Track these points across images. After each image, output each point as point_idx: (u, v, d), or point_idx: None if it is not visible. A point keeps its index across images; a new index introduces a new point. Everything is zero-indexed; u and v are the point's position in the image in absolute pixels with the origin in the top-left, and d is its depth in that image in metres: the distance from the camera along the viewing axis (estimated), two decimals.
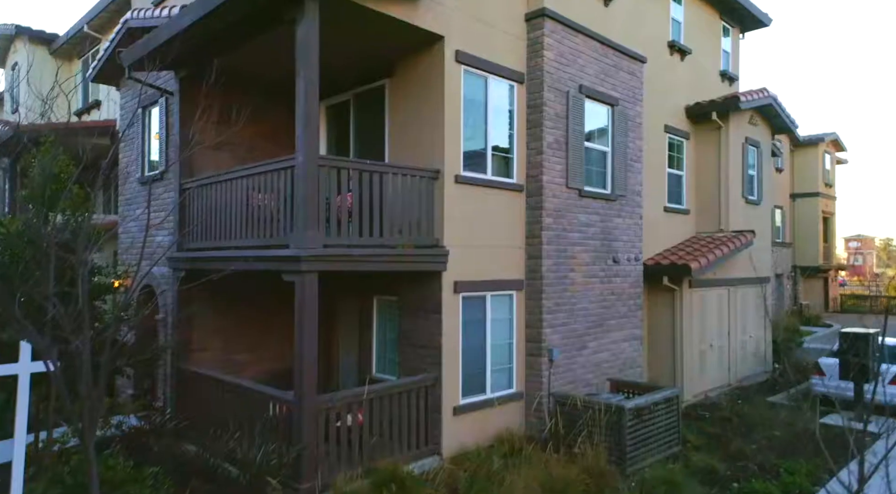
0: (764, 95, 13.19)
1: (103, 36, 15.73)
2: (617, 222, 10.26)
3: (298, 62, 6.40)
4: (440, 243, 7.80)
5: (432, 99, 7.96)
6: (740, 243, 12.06)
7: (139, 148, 10.53)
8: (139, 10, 9.56)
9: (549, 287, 8.87)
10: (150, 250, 9.88)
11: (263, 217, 7.09)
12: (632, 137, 10.61)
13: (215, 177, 8.05)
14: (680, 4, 12.89)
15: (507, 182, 8.74)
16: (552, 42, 8.95)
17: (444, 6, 7.75)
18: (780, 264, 29.08)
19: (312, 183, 6.39)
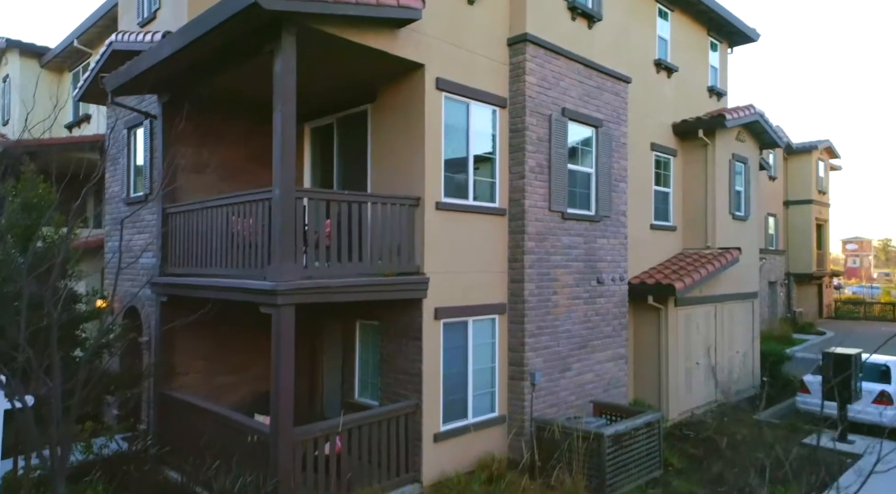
0: (751, 112, 13.23)
1: (93, 50, 15.74)
2: (601, 243, 10.30)
3: (276, 95, 6.42)
4: (421, 270, 7.83)
5: (413, 126, 7.98)
6: (726, 260, 12.10)
7: (124, 169, 10.54)
8: (124, 34, 9.57)
9: (532, 311, 8.89)
10: (134, 273, 9.94)
11: (243, 246, 7.10)
12: (616, 157, 10.65)
13: (197, 204, 8.06)
14: (666, 21, 12.95)
15: (489, 207, 8.77)
16: (534, 67, 8.99)
17: (424, 35, 7.78)
18: (773, 271, 29.19)
19: (289, 216, 6.40)
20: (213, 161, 9.52)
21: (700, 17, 13.77)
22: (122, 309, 9.80)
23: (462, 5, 8.36)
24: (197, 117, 9.29)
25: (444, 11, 8.10)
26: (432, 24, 7.90)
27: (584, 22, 9.93)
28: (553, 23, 9.34)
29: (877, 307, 37.47)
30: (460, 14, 8.34)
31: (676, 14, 13.12)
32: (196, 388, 9.22)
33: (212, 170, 9.52)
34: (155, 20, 10.09)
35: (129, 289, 10.21)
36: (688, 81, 13.55)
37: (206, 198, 8.01)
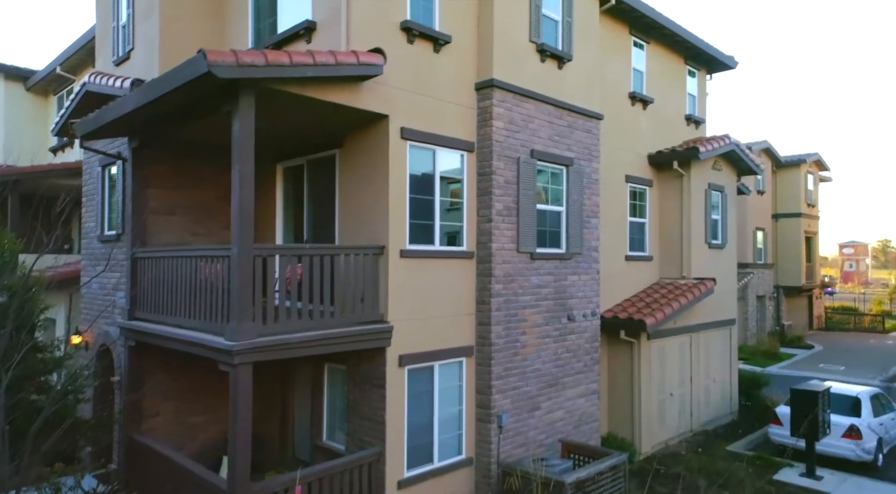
0: (726, 143, 13.34)
1: (76, 76, 15.83)
2: (572, 280, 10.38)
3: (234, 155, 6.49)
4: (385, 318, 7.90)
5: (378, 174, 8.06)
6: (700, 292, 12.19)
7: (98, 205, 10.60)
8: (97, 76, 9.65)
9: (499, 353, 8.97)
10: (106, 312, 10.00)
11: (205, 298, 7.16)
12: (588, 193, 10.74)
13: (163, 251, 8.13)
14: (642, 52, 13.05)
15: (456, 251, 8.84)
16: (501, 111, 9.07)
17: (388, 86, 7.86)
18: (761, 285, 29.32)
19: (247, 273, 6.48)
20: (185, 202, 9.59)
21: (676, 47, 13.88)
22: (92, 356, 9.88)
23: (427, 54, 8.45)
24: (168, 159, 9.40)
25: (409, 61, 8.19)
26: (396, 75, 7.98)
27: (554, 63, 10.02)
28: (522, 65, 9.43)
29: (867, 319, 37.56)
30: (426, 62, 8.43)
31: (652, 45, 13.23)
32: (167, 429, 9.29)
33: (183, 211, 9.60)
34: (129, 60, 10.16)
35: (102, 326, 10.29)
36: (665, 111, 13.66)
37: (172, 247, 8.09)
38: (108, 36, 10.93)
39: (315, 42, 8.01)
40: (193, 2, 9.58)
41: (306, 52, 6.61)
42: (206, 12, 9.69)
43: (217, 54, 5.82)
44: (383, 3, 7.91)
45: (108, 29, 10.98)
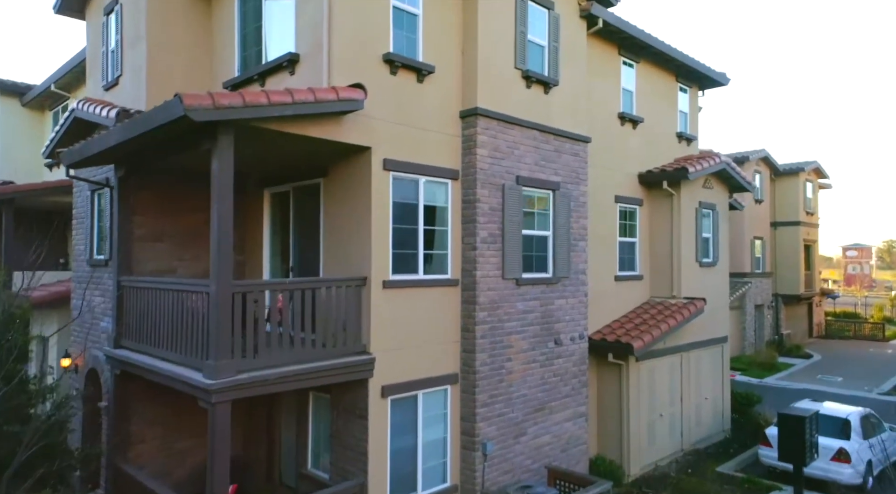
0: (716, 161, 13.33)
1: (70, 93, 15.91)
2: (559, 304, 10.38)
3: (213, 193, 6.53)
4: (367, 350, 7.93)
5: (361, 205, 8.09)
6: (689, 312, 12.17)
7: (87, 229, 10.66)
8: (84, 103, 9.71)
9: (483, 380, 8.98)
10: (95, 335, 10.06)
11: (186, 331, 7.20)
12: (576, 216, 10.75)
13: (147, 282, 8.17)
14: (632, 71, 13.05)
15: (440, 279, 8.86)
16: (486, 139, 9.10)
17: (369, 118, 7.89)
18: (760, 294, 29.25)
19: (225, 311, 6.51)
20: (171, 228, 9.63)
21: (667, 66, 13.87)
22: (79, 387, 9.93)
23: (411, 84, 8.48)
24: (154, 186, 9.44)
25: (392, 92, 8.22)
26: (379, 107, 8.02)
27: (540, 88, 10.04)
28: (507, 92, 9.45)
29: (867, 326, 37.41)
30: (410, 93, 8.46)
31: (642, 65, 13.23)
32: (154, 455, 9.32)
33: (170, 237, 9.63)
34: (118, 85, 10.22)
35: (91, 350, 10.35)
36: (655, 129, 13.65)
37: (154, 278, 8.13)
38: (98, 60, 11.00)
39: (298, 74, 8.06)
40: (180, 30, 9.64)
41: (285, 91, 6.65)
42: (193, 40, 9.75)
43: (193, 98, 5.86)
44: (366, 36, 7.95)
45: (97, 53, 11.05)
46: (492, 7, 9.23)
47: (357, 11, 7.85)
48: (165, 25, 9.51)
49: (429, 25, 8.70)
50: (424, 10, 8.65)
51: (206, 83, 9.79)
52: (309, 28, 7.88)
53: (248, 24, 9.19)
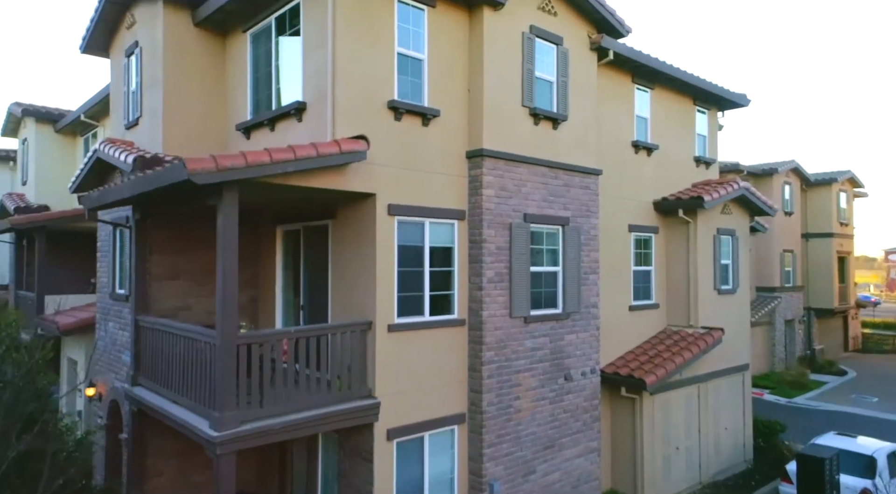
0: (734, 188, 13.09)
1: (98, 122, 16.48)
2: (570, 339, 10.33)
3: (218, 247, 6.72)
4: (372, 394, 8.03)
5: (366, 249, 8.21)
6: (706, 344, 11.97)
7: (110, 264, 11.03)
8: (105, 146, 10.06)
9: (490, 420, 9.00)
10: (117, 367, 10.39)
11: (196, 376, 7.40)
12: (586, 250, 10.69)
13: (161, 325, 8.43)
14: (647, 98, 12.90)
15: (447, 319, 8.92)
16: (492, 179, 9.13)
17: (374, 164, 8.00)
18: (790, 309, 28.50)
19: (230, 363, 6.68)
20: (187, 266, 9.90)
21: (684, 90, 13.68)
22: (101, 425, 10.26)
23: (416, 128, 8.57)
24: (170, 226, 9.72)
25: (397, 138, 8.32)
26: (383, 153, 8.13)
27: (549, 124, 10.03)
28: (514, 131, 9.47)
29: None
30: (415, 137, 8.55)
31: (657, 90, 13.08)
32: (171, 488, 9.58)
33: (186, 274, 9.90)
34: (137, 126, 10.57)
35: (113, 381, 10.70)
36: (672, 154, 13.48)
37: (166, 322, 8.37)
38: (121, 100, 11.39)
39: (305, 121, 8.23)
40: (196, 73, 9.92)
41: (287, 148, 6.81)
42: (207, 83, 10.02)
43: (196, 162, 6.05)
44: (370, 84, 8.07)
45: (120, 93, 11.44)
46: (498, 46, 9.26)
47: (361, 61, 7.98)
48: (181, 69, 9.79)
49: (434, 68, 8.78)
50: (430, 53, 8.73)
51: (220, 125, 10.06)
52: (314, 77, 8.03)
53: (259, 68, 9.41)
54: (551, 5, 10.03)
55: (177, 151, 9.71)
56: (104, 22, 11.19)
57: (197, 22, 9.80)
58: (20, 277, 17.84)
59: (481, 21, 9.10)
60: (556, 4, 10.13)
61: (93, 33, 11.43)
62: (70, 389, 10.57)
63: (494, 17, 9.20)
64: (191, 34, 9.90)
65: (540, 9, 9.89)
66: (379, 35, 8.18)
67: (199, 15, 9.72)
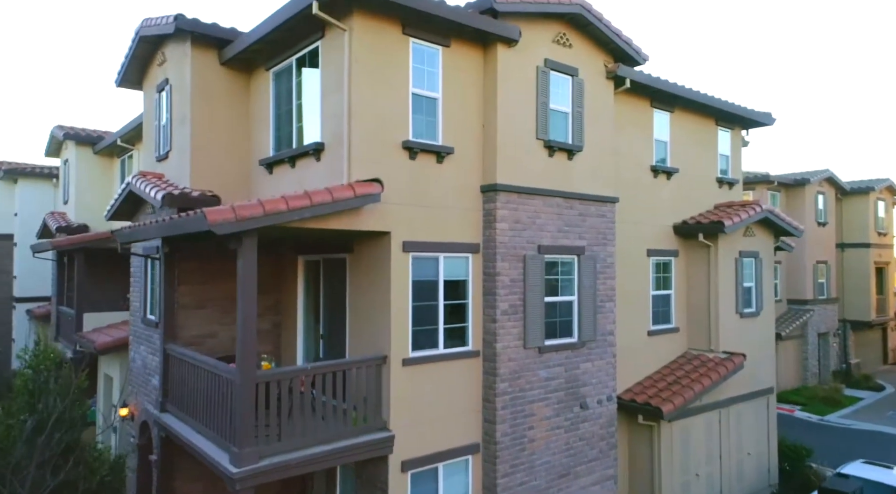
0: (756, 211, 12.94)
1: (133, 146, 17.17)
2: (585, 367, 10.40)
3: (238, 291, 7.04)
4: (387, 426, 8.26)
5: (381, 285, 8.45)
6: (726, 370, 11.87)
7: (142, 290, 11.53)
8: (137, 180, 10.56)
9: (504, 451, 9.14)
10: (147, 390, 10.86)
11: (217, 408, 7.75)
12: (602, 278, 10.74)
13: (187, 356, 8.82)
14: (666, 121, 12.85)
15: (461, 351, 9.09)
16: (506, 213, 9.28)
17: (388, 204, 8.24)
18: (823, 321, 27.80)
19: (249, 400, 7.00)
20: (213, 295, 10.31)
21: (705, 110, 13.57)
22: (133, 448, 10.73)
23: (431, 166, 8.78)
24: (197, 258, 10.13)
25: (411, 176, 8.55)
26: (398, 192, 8.36)
27: (564, 155, 10.13)
28: (528, 164, 9.60)
29: None
30: (429, 174, 8.76)
31: (677, 113, 13.02)
32: None
33: (212, 303, 10.31)
34: (168, 159, 11.04)
35: (144, 404, 11.18)
36: (693, 176, 13.39)
37: (191, 353, 8.74)
38: (153, 132, 11.90)
39: (323, 161, 8.52)
40: (222, 109, 10.32)
41: (303, 195, 7.10)
42: (232, 118, 10.42)
43: (217, 213, 6.38)
44: (385, 125, 8.32)
45: (152, 126, 11.96)
46: (512, 81, 9.41)
47: (376, 103, 8.23)
48: (208, 107, 10.21)
49: (448, 106, 8.98)
50: (444, 92, 8.94)
51: (245, 159, 10.45)
52: (332, 119, 8.32)
53: (281, 105, 9.76)
54: (566, 38, 10.13)
55: (204, 185, 10.14)
56: (137, 58, 11.72)
57: (223, 61, 10.21)
58: (61, 292, 18.67)
59: (495, 57, 9.27)
60: (572, 36, 10.22)
61: (127, 69, 11.98)
62: (106, 427, 11.09)
63: (508, 53, 9.36)
64: (217, 72, 10.32)
65: (555, 42, 10.00)
66: (394, 77, 8.42)
67: (225, 54, 10.12)
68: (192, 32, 9.80)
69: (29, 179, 23.14)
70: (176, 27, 9.60)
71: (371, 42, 8.17)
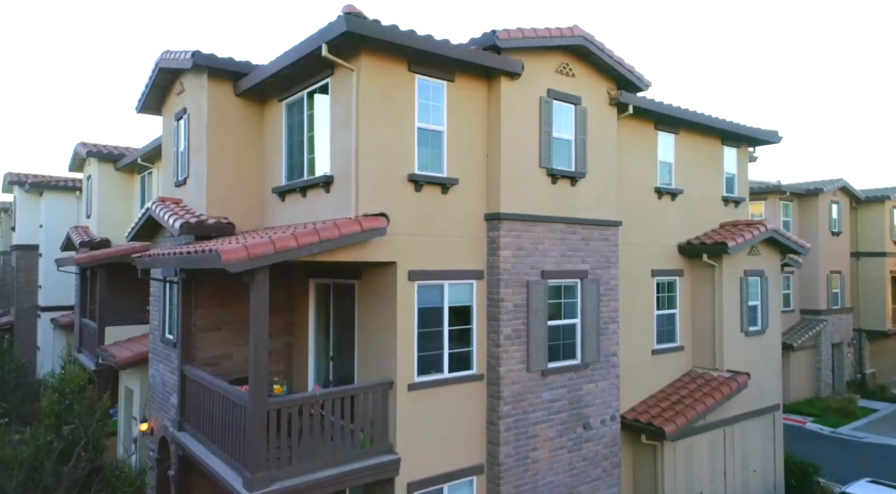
0: (760, 231, 13.07)
1: (153, 164, 17.74)
2: (589, 388, 10.65)
3: (251, 321, 7.42)
4: (393, 449, 8.59)
5: (388, 312, 8.79)
6: (729, 390, 12.03)
7: (161, 311, 12.00)
8: (156, 206, 11.03)
9: (508, 472, 9.43)
10: (166, 407, 11.31)
11: (231, 432, 8.14)
12: (605, 300, 10.97)
13: (205, 379, 9.23)
14: (670, 143, 13.02)
15: (466, 375, 9.39)
16: (509, 240, 9.56)
17: (394, 235, 8.57)
18: (837, 331, 27.64)
19: (261, 427, 7.37)
20: (229, 318, 10.73)
21: (710, 131, 13.73)
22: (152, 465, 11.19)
23: (436, 197, 9.10)
24: (213, 282, 10.55)
25: (417, 207, 8.87)
26: (404, 223, 8.70)
27: (567, 182, 10.39)
28: (531, 191, 9.87)
29: None
30: (434, 204, 9.08)
31: (682, 134, 13.19)
32: None
33: (228, 326, 10.73)
34: (185, 185, 11.50)
35: (163, 420, 11.65)
36: (697, 197, 13.55)
37: (209, 377, 9.14)
38: (171, 158, 12.38)
39: (332, 192, 8.89)
40: (236, 140, 10.74)
41: (312, 231, 7.46)
42: (247, 148, 10.83)
43: (230, 253, 6.76)
44: (392, 159, 8.65)
45: (170, 151, 12.44)
46: (516, 112, 9.70)
47: (383, 138, 8.57)
48: (224, 136, 10.63)
49: (453, 138, 9.30)
50: (449, 125, 9.25)
51: (258, 187, 10.86)
52: (341, 154, 8.68)
53: (293, 135, 10.15)
54: (569, 68, 10.40)
55: (220, 211, 10.57)
56: (157, 87, 12.21)
57: (238, 92, 10.63)
58: (84, 304, 19.30)
59: (499, 90, 9.56)
60: (574, 66, 10.49)
61: (147, 97, 12.47)
62: (128, 454, 11.52)
63: (512, 86, 9.65)
64: (232, 102, 10.74)
65: (558, 72, 10.27)
66: (401, 112, 8.75)
67: (240, 86, 10.54)
68: (208, 67, 10.23)
69: (53, 192, 23.89)
70: (193, 63, 10.03)
71: (378, 80, 8.51)
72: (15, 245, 24.81)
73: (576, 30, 10.07)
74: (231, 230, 10.30)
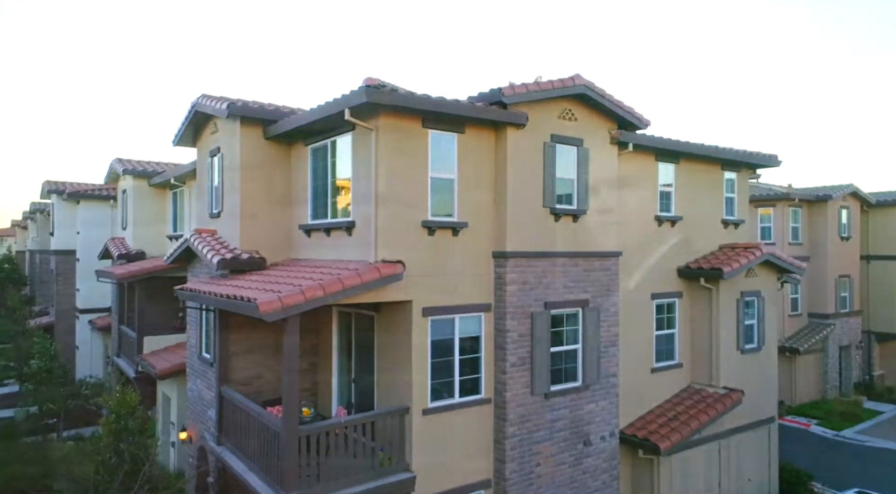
0: (757, 255, 13.77)
1: (184, 184, 18.88)
2: (589, 408, 11.57)
3: (284, 365, 8.44)
4: (409, 467, 9.62)
5: (403, 345, 9.78)
6: (723, 407, 12.85)
7: (198, 331, 13.14)
8: (195, 239, 12.10)
9: (513, 486, 10.42)
10: (204, 419, 12.47)
11: (266, 452, 9.23)
12: (606, 325, 11.84)
13: (237, 400, 10.32)
14: (670, 172, 13.73)
15: (475, 399, 10.37)
16: (515, 276, 10.47)
17: (410, 277, 9.52)
18: (846, 334, 28.12)
19: (293, 453, 8.43)
20: (260, 341, 11.82)
21: (710, 158, 14.40)
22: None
23: (447, 239, 10.02)
24: None
25: (430, 249, 9.80)
26: (418, 264, 9.64)
27: (569, 218, 11.23)
28: (535, 230, 10.73)
29: None
30: (446, 246, 10.01)
31: (683, 164, 13.90)
32: None
33: (261, 349, 11.83)
34: (220, 218, 12.56)
35: (201, 431, 12.83)
36: (697, 221, 14.25)
37: (245, 401, 10.23)
38: (206, 190, 13.44)
39: (354, 236, 9.87)
40: (266, 180, 11.73)
41: (336, 280, 8.45)
42: (276, 186, 11.83)
43: (267, 305, 7.79)
44: (407, 206, 9.58)
45: (205, 183, 13.50)
46: (521, 158, 10.54)
47: (400, 188, 9.50)
48: (254, 176, 11.63)
49: (463, 184, 10.19)
50: (459, 172, 10.14)
51: (285, 223, 11.87)
52: (361, 203, 9.64)
53: (318, 178, 11.12)
54: (571, 113, 11.19)
55: (251, 245, 11.61)
56: (193, 125, 13.25)
57: (267, 137, 11.61)
58: (122, 312, 20.63)
59: (505, 138, 10.42)
60: (577, 110, 11.28)
61: (183, 133, 13.53)
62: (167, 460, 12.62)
63: (517, 134, 10.50)
64: (262, 145, 11.73)
65: (560, 117, 11.08)
66: (416, 164, 9.66)
67: (269, 132, 11.53)
68: (241, 116, 11.22)
69: (89, 201, 25.24)
70: (228, 113, 11.03)
71: (395, 136, 9.43)
72: (55, 250, 26.29)
73: (577, 79, 10.85)
74: (262, 264, 11.35)
